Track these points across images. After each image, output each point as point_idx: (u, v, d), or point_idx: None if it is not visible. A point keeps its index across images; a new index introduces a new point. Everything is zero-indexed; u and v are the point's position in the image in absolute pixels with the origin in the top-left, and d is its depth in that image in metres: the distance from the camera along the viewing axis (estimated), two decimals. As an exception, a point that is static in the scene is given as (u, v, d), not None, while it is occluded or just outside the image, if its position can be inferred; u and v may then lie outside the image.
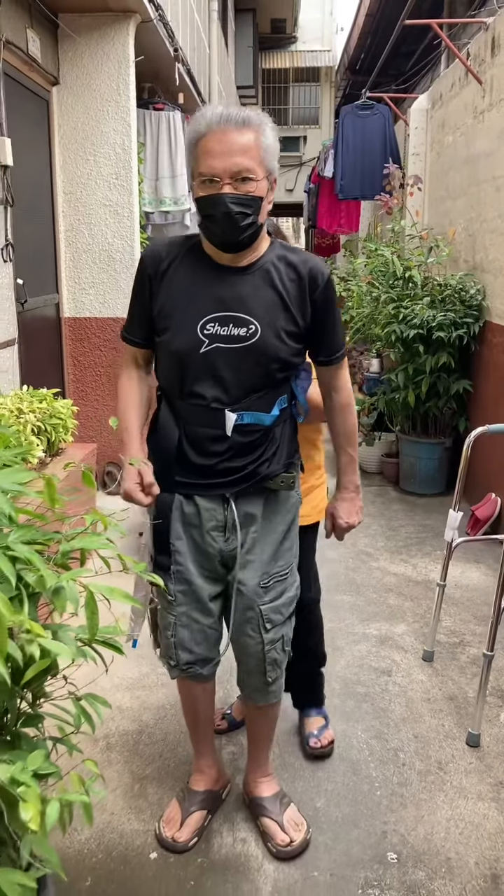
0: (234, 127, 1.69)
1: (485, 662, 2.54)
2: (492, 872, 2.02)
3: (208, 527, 1.91)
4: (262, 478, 1.90)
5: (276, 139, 1.77)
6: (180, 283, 1.82)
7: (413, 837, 2.13)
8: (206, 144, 1.70)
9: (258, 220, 1.75)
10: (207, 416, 1.83)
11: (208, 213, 1.73)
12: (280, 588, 1.98)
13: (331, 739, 2.48)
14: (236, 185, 1.70)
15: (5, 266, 3.75)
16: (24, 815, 1.09)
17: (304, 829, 2.10)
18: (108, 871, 2.01)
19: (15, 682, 1.32)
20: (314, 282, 1.83)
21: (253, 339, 1.78)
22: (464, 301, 4.79)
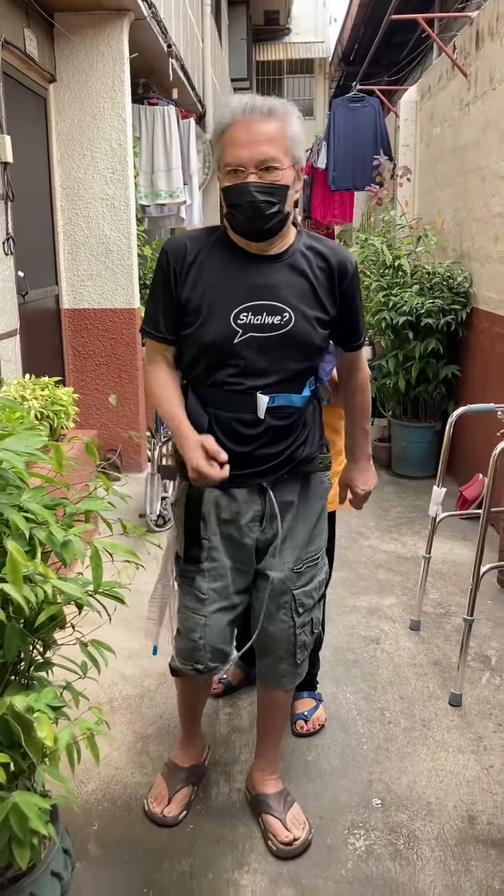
0: (259, 116, 1.70)
1: (465, 627, 2.70)
2: (468, 814, 2.19)
3: (246, 519, 1.90)
4: (301, 461, 1.92)
5: (301, 128, 1.78)
6: (209, 275, 1.81)
7: (396, 785, 2.30)
8: (232, 134, 1.71)
9: (284, 209, 1.75)
10: (239, 401, 1.82)
11: (234, 203, 1.73)
12: (312, 572, 2.01)
13: (321, 723, 2.54)
14: (262, 175, 1.71)
15: (7, 259, 3.89)
16: (39, 733, 1.24)
17: (306, 828, 2.10)
18: (114, 818, 2.17)
19: (28, 630, 1.48)
20: (343, 271, 1.85)
21: (287, 326, 1.79)
22: (451, 288, 4.94)
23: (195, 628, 1.96)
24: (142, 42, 5.06)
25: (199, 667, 1.99)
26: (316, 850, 2.06)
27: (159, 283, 1.87)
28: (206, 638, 1.96)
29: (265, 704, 2.18)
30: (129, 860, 2.02)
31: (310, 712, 2.55)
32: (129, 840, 2.09)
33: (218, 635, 1.98)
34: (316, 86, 17.26)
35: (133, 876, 1.97)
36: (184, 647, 2.00)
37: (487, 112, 4.53)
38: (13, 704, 1.30)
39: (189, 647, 1.98)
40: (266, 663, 2.09)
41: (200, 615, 1.95)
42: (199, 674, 2.01)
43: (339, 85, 14.47)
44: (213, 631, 1.97)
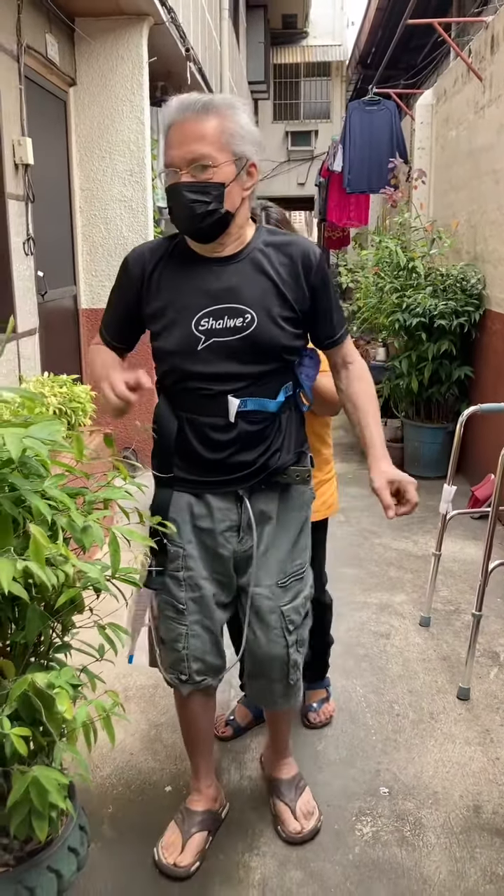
0: (192, 114, 1.64)
1: (473, 622, 2.75)
2: (474, 804, 2.23)
3: (221, 528, 1.86)
4: (274, 471, 1.85)
5: (248, 121, 1.70)
6: (168, 283, 1.78)
7: (404, 775, 2.35)
8: (169, 135, 1.67)
9: (221, 208, 1.68)
10: (209, 404, 1.78)
11: (170, 204, 1.71)
12: (297, 587, 1.95)
13: (330, 714, 2.58)
14: (194, 174, 1.65)
15: (27, 259, 3.97)
16: (59, 706, 1.31)
17: (314, 816, 2.12)
18: (128, 801, 2.23)
19: (48, 612, 1.55)
20: (307, 263, 1.77)
21: (250, 328, 1.74)
22: (465, 290, 4.97)
23: (178, 639, 1.92)
24: (160, 46, 5.14)
25: (182, 677, 1.94)
26: (324, 835, 2.11)
27: (117, 293, 1.87)
28: (189, 648, 1.92)
29: (270, 717, 2.19)
30: (142, 842, 2.08)
31: (319, 703, 2.58)
32: (142, 823, 2.15)
33: (201, 646, 1.92)
34: (333, 89, 17.31)
35: (146, 857, 2.02)
36: (168, 658, 1.96)
37: (502, 116, 4.57)
38: (35, 681, 1.37)
39: (174, 658, 1.94)
40: (258, 686, 2.03)
41: (181, 625, 1.90)
42: (185, 684, 1.96)
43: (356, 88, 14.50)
44: (196, 641, 1.91)
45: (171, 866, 1.97)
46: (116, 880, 1.96)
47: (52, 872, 1.62)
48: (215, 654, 1.95)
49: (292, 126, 16.87)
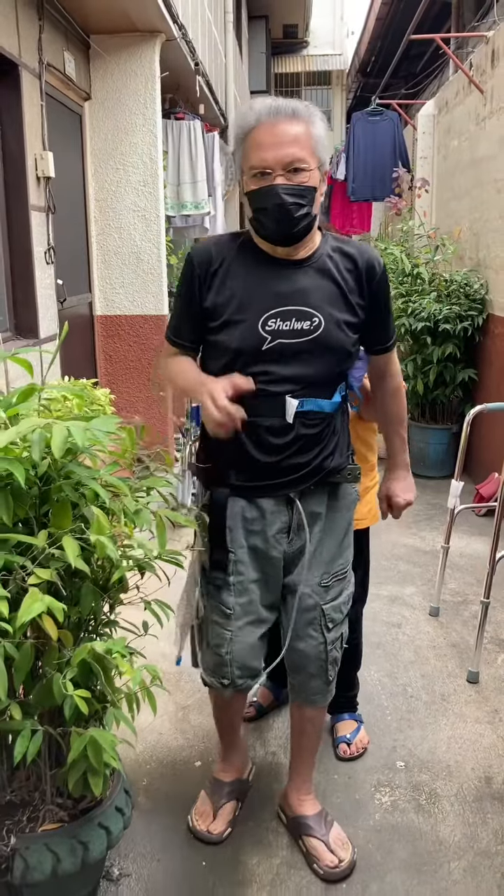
0: (284, 118, 1.67)
1: (482, 609, 2.90)
2: (485, 775, 2.38)
3: (273, 530, 1.87)
4: (329, 472, 1.87)
5: (325, 130, 1.75)
6: (235, 281, 1.78)
7: (419, 751, 2.49)
8: (257, 137, 1.67)
9: (312, 211, 1.72)
10: (267, 406, 1.77)
11: (262, 206, 1.69)
12: (340, 587, 1.97)
13: (364, 745, 2.48)
14: (289, 177, 1.67)
15: (48, 268, 4.14)
16: (121, 668, 1.46)
17: (349, 848, 2.05)
18: (160, 775, 2.38)
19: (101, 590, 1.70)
20: (371, 272, 1.82)
21: (317, 332, 1.76)
22: (468, 295, 5.14)
23: (222, 643, 1.93)
24: (171, 61, 5.31)
25: (224, 682, 1.96)
26: (346, 804, 2.25)
27: (184, 290, 1.86)
28: (233, 653, 1.92)
29: (299, 723, 2.13)
30: (175, 811, 2.23)
31: (352, 734, 2.49)
32: (174, 793, 2.30)
33: (245, 651, 1.93)
34: (333, 97, 17.53)
35: (180, 824, 2.17)
36: (211, 662, 1.97)
37: (503, 128, 4.74)
38: (94, 648, 1.52)
39: (216, 662, 1.96)
40: (298, 681, 2.04)
41: (227, 630, 1.92)
42: (226, 688, 1.98)
43: (356, 96, 14.75)
44: (240, 646, 1.93)
45: (205, 832, 2.10)
46: (153, 843, 2.11)
47: (103, 829, 1.77)
48: (256, 658, 1.97)
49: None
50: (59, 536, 1.47)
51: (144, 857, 2.07)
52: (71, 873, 1.72)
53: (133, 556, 1.68)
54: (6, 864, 1.67)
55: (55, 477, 1.55)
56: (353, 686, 2.57)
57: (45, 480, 1.58)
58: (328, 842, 2.04)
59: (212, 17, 7.26)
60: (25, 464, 1.45)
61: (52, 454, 1.45)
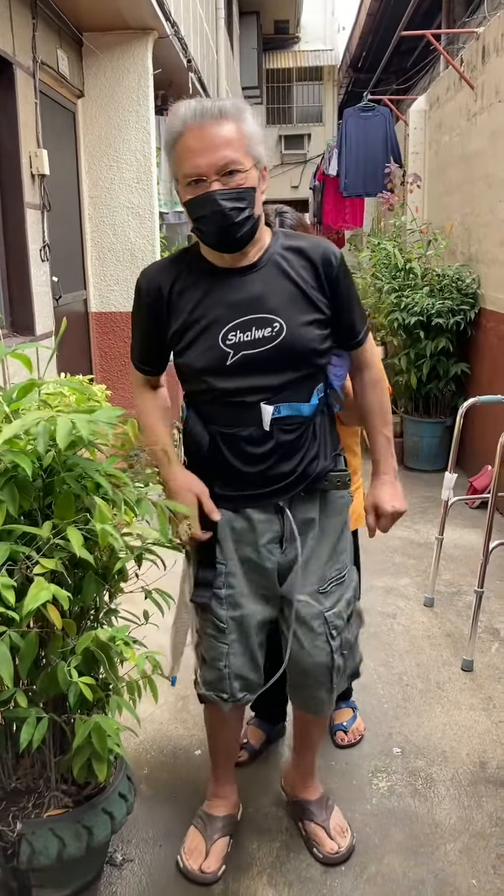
0: (211, 119, 1.59)
1: (476, 598, 2.95)
2: (480, 760, 2.43)
3: (264, 540, 1.82)
4: (315, 478, 1.82)
5: (257, 124, 1.66)
6: (190, 301, 1.73)
7: (415, 737, 2.54)
8: (186, 142, 1.60)
9: (254, 213, 1.65)
10: (241, 415, 1.74)
11: (200, 215, 1.63)
12: (339, 592, 1.91)
13: (360, 734, 2.52)
14: (225, 181, 1.60)
15: (43, 265, 4.16)
16: (125, 654, 1.50)
17: (349, 834, 2.07)
18: (161, 763, 2.42)
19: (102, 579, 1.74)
20: (328, 265, 1.74)
21: (279, 337, 1.70)
22: (460, 290, 5.18)
23: (219, 657, 1.88)
24: (163, 57, 5.33)
25: (224, 696, 1.91)
26: (344, 788, 2.30)
27: (139, 321, 1.82)
28: (232, 667, 1.88)
29: (303, 726, 2.10)
30: (177, 798, 2.27)
31: (349, 722, 2.52)
32: (175, 782, 2.34)
33: (243, 664, 1.89)
34: (325, 93, 17.54)
35: (180, 811, 2.21)
36: (209, 677, 1.91)
37: (494, 123, 4.78)
38: (98, 635, 1.56)
39: (215, 677, 1.90)
40: (302, 694, 1.97)
41: (223, 643, 1.87)
42: (226, 702, 1.92)
43: (347, 91, 14.76)
44: (238, 660, 1.88)
45: (198, 872, 1.98)
46: (156, 829, 2.15)
47: (107, 814, 1.81)
48: (255, 670, 1.92)
49: (285, 130, 17.09)
50: (63, 527, 1.51)
51: (147, 842, 2.11)
52: (76, 858, 1.75)
53: (133, 546, 1.72)
54: (13, 850, 1.71)
55: (59, 469, 1.59)
56: (349, 685, 2.48)
57: (48, 472, 1.61)
58: (328, 828, 2.06)
59: (203, 13, 7.28)
60: (31, 456, 1.48)
61: (57, 446, 1.48)
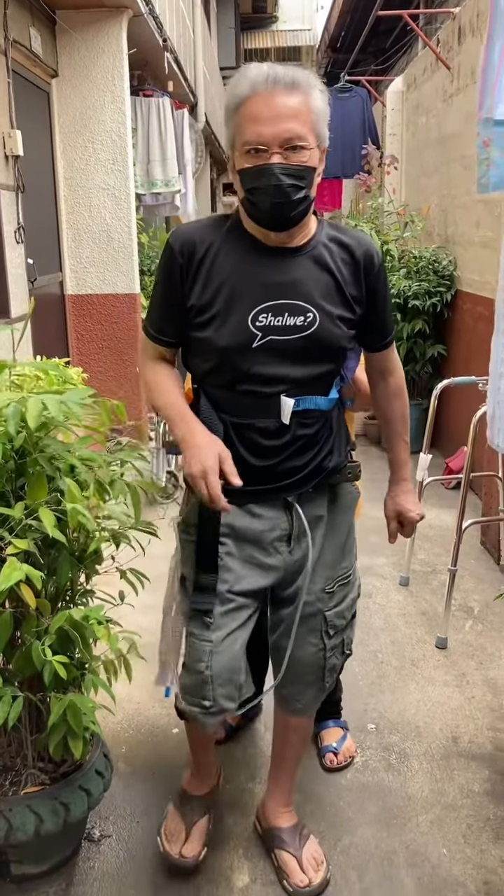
0: (282, 88, 1.49)
1: (450, 576, 2.99)
2: (452, 735, 2.48)
3: (271, 538, 1.72)
4: (330, 472, 1.74)
5: (326, 103, 1.58)
6: (223, 271, 1.62)
7: (389, 713, 2.58)
8: (251, 109, 1.50)
9: (310, 194, 1.56)
10: (260, 406, 1.64)
11: (256, 187, 1.53)
12: (344, 591, 1.84)
13: (351, 755, 2.36)
14: (287, 155, 1.50)
15: (18, 247, 4.13)
16: (98, 634, 1.51)
17: (323, 867, 1.93)
18: (139, 742, 2.45)
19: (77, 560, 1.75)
20: (370, 264, 1.67)
21: (311, 328, 1.62)
22: (437, 272, 5.21)
23: (201, 657, 1.71)
24: (138, 37, 5.27)
25: (206, 703, 1.71)
26: (318, 765, 2.33)
27: (163, 279, 1.68)
28: (214, 668, 1.70)
29: (283, 733, 1.99)
30: (154, 776, 2.30)
31: (339, 743, 2.37)
32: (153, 759, 2.37)
33: (227, 664, 1.72)
34: (303, 73, 17.43)
35: (158, 788, 2.24)
36: (188, 683, 1.75)
37: (469, 104, 4.78)
38: (72, 615, 1.57)
39: (195, 682, 1.73)
40: (292, 691, 1.89)
41: (206, 641, 1.71)
42: (207, 713, 1.73)
43: (326, 72, 14.66)
44: (222, 659, 1.71)
45: (178, 857, 1.91)
46: (133, 806, 2.18)
47: (83, 791, 1.84)
48: (240, 673, 1.75)
49: (263, 111, 16.96)
50: (35, 507, 1.52)
51: (125, 818, 2.13)
52: (53, 833, 1.78)
53: (108, 528, 1.74)
54: (-10, 827, 1.73)
55: (30, 450, 1.59)
56: (337, 689, 2.44)
57: (20, 454, 1.62)
58: (301, 858, 1.92)
59: (179, -9, 7.20)
60: (2, 438, 1.49)
61: (28, 427, 1.49)
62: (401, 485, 1.95)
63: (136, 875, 1.95)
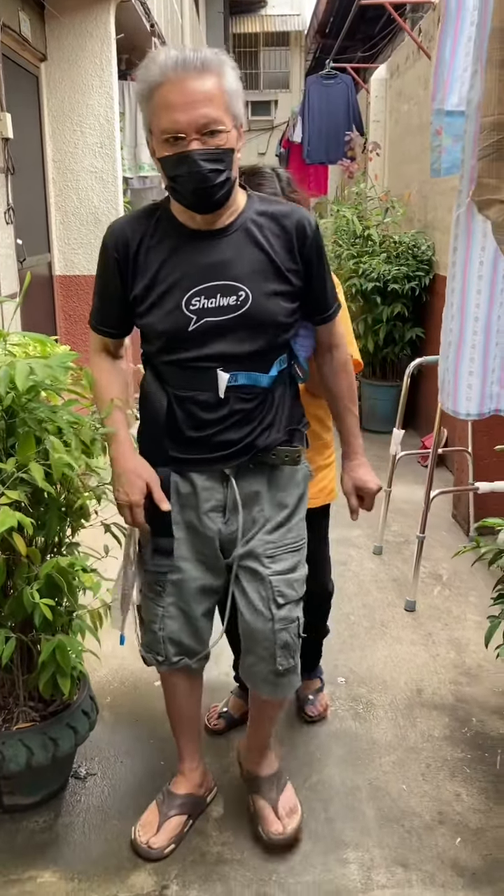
0: (193, 72, 1.50)
1: (418, 543, 3.17)
2: (417, 687, 2.65)
3: (206, 507, 1.77)
4: (262, 450, 1.75)
5: (238, 80, 1.58)
6: (156, 260, 1.66)
7: (358, 668, 2.76)
8: (165, 95, 1.51)
9: (232, 175, 1.59)
10: (198, 380, 1.69)
11: (177, 174, 1.56)
12: (293, 560, 1.83)
13: (325, 705, 2.49)
14: (204, 140, 1.53)
15: (7, 228, 4.24)
16: (84, 580, 1.67)
17: (297, 814, 2.00)
18: (123, 694, 2.61)
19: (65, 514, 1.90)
20: (302, 234, 1.68)
21: (244, 307, 1.65)
22: (416, 256, 5.35)
23: (154, 619, 1.85)
24: (126, 22, 5.37)
25: (159, 658, 1.88)
26: (290, 712, 2.50)
27: (101, 274, 1.75)
28: (167, 629, 1.84)
29: (253, 704, 2.04)
30: (136, 722, 2.46)
31: (315, 694, 2.48)
32: (136, 709, 2.53)
33: (178, 628, 1.84)
34: (292, 58, 17.47)
35: (141, 732, 2.41)
36: (146, 639, 1.91)
37: (448, 92, 4.92)
38: (59, 562, 1.72)
39: (150, 639, 1.88)
40: (247, 663, 1.91)
41: (159, 606, 1.84)
42: (162, 664, 1.90)
43: (315, 57, 14.71)
44: (173, 624, 1.83)
45: (144, 846, 1.93)
46: (117, 749, 2.34)
47: (71, 728, 2.00)
48: (193, 637, 1.87)
49: (252, 96, 17.00)
50: (24, 462, 1.66)
51: (109, 759, 2.30)
52: (43, 766, 1.94)
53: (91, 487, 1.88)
54: (-15, 759, 1.89)
55: (19, 411, 1.73)
56: (318, 645, 2.51)
57: (10, 415, 1.76)
58: (277, 807, 1.99)
59: (167, -24, 7.27)
60: (-6, 398, 1.63)
61: (17, 389, 1.63)
62: (357, 459, 1.97)
63: (120, 807, 2.11)
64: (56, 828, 2.04)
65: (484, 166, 1.34)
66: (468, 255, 1.90)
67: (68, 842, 2.00)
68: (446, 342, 2.07)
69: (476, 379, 2.01)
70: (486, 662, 2.77)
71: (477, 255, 1.89)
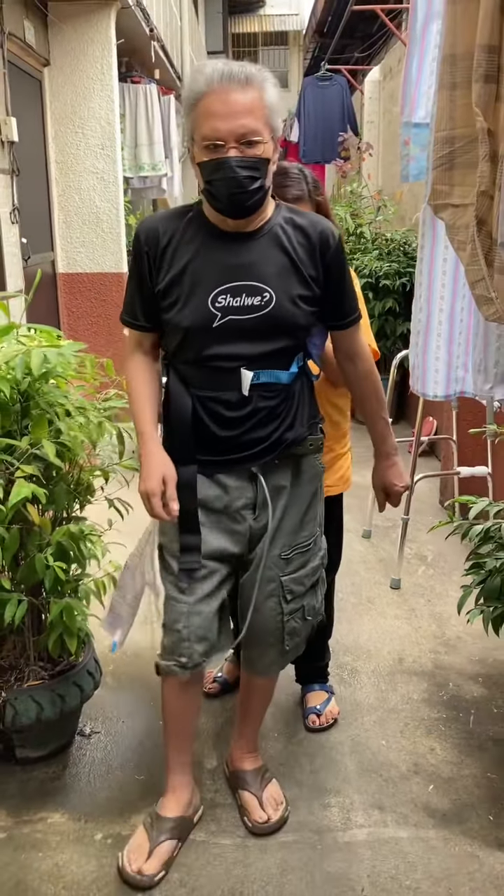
0: (237, 85, 1.60)
1: (402, 524, 3.36)
2: (399, 657, 2.84)
3: (237, 506, 1.83)
4: (290, 443, 1.83)
5: (278, 96, 1.68)
6: (184, 257, 1.74)
7: (344, 639, 2.95)
8: (208, 105, 1.61)
9: (265, 184, 1.67)
10: (221, 379, 1.75)
11: (214, 178, 1.64)
12: (302, 559, 1.93)
13: (334, 717, 2.47)
14: (242, 149, 1.62)
15: (13, 227, 4.43)
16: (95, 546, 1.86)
17: (282, 807, 2.07)
18: (125, 663, 2.80)
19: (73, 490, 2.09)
20: (325, 244, 1.77)
21: (268, 307, 1.72)
22: (407, 253, 5.54)
23: (178, 619, 1.84)
24: (126, 27, 5.55)
25: (182, 660, 1.85)
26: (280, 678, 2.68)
27: (134, 269, 1.81)
28: (191, 627, 1.84)
29: (247, 689, 2.12)
30: (138, 688, 2.65)
31: (322, 705, 2.48)
32: (138, 676, 2.72)
33: (202, 623, 1.85)
34: (290, 58, 17.64)
35: (142, 696, 2.60)
36: (168, 642, 1.88)
37: (437, 95, 5.10)
38: (70, 529, 1.91)
39: (174, 640, 1.86)
40: (254, 653, 2.00)
41: (183, 604, 1.84)
42: (184, 668, 1.87)
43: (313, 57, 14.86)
44: (198, 620, 1.84)
45: (135, 874, 1.86)
46: (119, 711, 2.54)
47: (77, 686, 2.19)
48: (214, 631, 1.89)
49: (251, 94, 17.16)
50: (37, 440, 1.85)
51: (111, 720, 2.49)
52: (52, 720, 2.13)
53: (97, 467, 2.08)
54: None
55: (33, 395, 1.93)
56: (325, 655, 2.57)
57: (25, 398, 1.95)
58: (261, 798, 2.07)
59: (166, -20, 7.45)
60: (10, 382, 1.82)
61: (32, 375, 1.82)
62: (388, 460, 2.02)
63: (122, 760, 2.31)
64: (64, 777, 2.23)
65: (437, 175, 1.52)
66: (433, 252, 2.09)
67: (75, 789, 2.19)
68: (415, 331, 2.26)
69: (442, 364, 2.20)
70: (465, 634, 2.96)
71: (441, 253, 2.08)
